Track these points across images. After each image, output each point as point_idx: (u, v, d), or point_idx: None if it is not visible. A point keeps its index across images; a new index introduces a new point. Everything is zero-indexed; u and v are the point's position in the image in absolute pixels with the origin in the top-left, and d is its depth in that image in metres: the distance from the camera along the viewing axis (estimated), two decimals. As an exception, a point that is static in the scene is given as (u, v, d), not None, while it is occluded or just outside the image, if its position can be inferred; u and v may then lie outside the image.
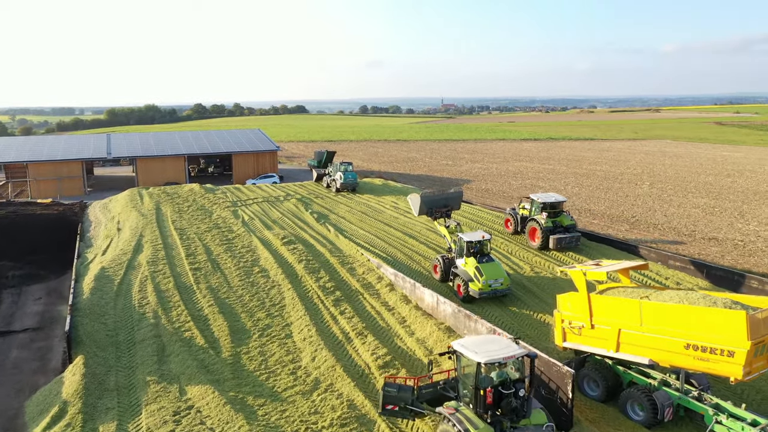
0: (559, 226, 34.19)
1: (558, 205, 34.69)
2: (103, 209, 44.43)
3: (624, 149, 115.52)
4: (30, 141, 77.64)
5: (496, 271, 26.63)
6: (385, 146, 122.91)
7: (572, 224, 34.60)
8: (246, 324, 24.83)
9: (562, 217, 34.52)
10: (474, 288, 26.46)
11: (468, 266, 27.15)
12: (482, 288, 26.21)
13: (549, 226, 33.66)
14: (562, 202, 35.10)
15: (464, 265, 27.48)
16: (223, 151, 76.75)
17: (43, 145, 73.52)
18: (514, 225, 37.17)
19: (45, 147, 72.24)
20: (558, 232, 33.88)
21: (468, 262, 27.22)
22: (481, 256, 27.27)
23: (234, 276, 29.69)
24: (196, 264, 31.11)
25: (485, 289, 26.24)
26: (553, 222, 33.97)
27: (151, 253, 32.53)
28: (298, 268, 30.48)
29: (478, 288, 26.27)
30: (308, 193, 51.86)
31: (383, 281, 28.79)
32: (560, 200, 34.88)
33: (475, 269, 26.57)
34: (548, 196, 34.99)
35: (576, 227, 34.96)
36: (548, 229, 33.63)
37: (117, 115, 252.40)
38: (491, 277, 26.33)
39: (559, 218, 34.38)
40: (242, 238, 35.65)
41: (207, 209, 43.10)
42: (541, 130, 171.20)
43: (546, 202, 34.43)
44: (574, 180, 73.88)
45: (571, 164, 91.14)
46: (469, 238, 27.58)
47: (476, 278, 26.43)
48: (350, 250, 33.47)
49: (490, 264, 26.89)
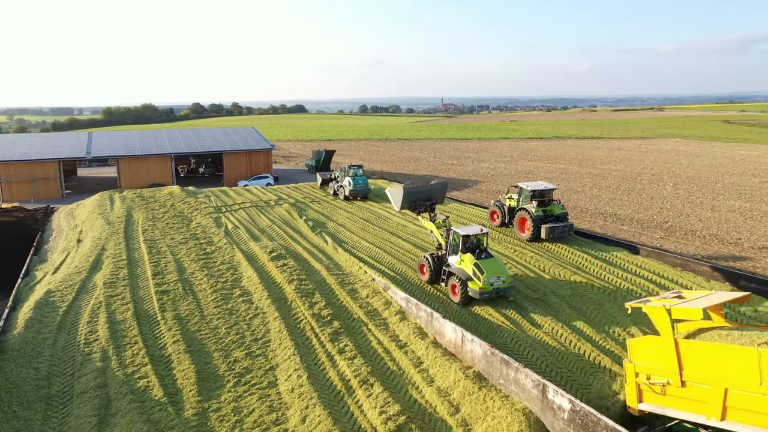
0: (550, 215, 32.26)
1: (548, 193, 32.82)
2: (68, 216, 38.86)
3: (635, 148, 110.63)
4: (3, 139, 72.02)
5: (497, 268, 23.84)
6: (387, 145, 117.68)
7: (564, 213, 32.51)
8: (219, 367, 19.48)
9: (552, 206, 32.62)
10: (474, 288, 23.50)
11: (465, 264, 24.18)
12: (483, 287, 23.33)
13: (540, 215, 31.73)
14: (552, 190, 33.09)
15: (460, 262, 24.52)
16: (213, 150, 71.32)
17: (17, 143, 68.00)
18: (501, 217, 35.00)
19: (19, 146, 66.74)
20: (549, 221, 31.93)
21: (465, 259, 24.29)
22: (479, 252, 24.45)
23: (209, 301, 24.28)
24: (164, 285, 25.67)
25: (487, 289, 23.38)
26: (544, 211, 32.10)
27: (111, 271, 27.10)
28: (288, 290, 25.10)
29: (479, 287, 23.36)
30: (303, 196, 46.21)
31: (392, 308, 23.46)
32: (550, 188, 32.79)
33: (474, 266, 23.62)
34: (537, 184, 33.16)
35: (567, 216, 32.85)
36: (539, 218, 31.68)
37: (114, 114, 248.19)
38: (493, 274, 23.50)
39: (550, 207, 32.50)
40: (223, 252, 30.22)
41: (186, 216, 37.57)
42: (546, 129, 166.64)
43: (536, 189, 32.47)
44: (590, 181, 68.73)
45: (583, 164, 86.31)
46: (466, 231, 24.77)
47: (476, 277, 23.52)
48: (351, 267, 28.10)
49: (490, 260, 24.08)
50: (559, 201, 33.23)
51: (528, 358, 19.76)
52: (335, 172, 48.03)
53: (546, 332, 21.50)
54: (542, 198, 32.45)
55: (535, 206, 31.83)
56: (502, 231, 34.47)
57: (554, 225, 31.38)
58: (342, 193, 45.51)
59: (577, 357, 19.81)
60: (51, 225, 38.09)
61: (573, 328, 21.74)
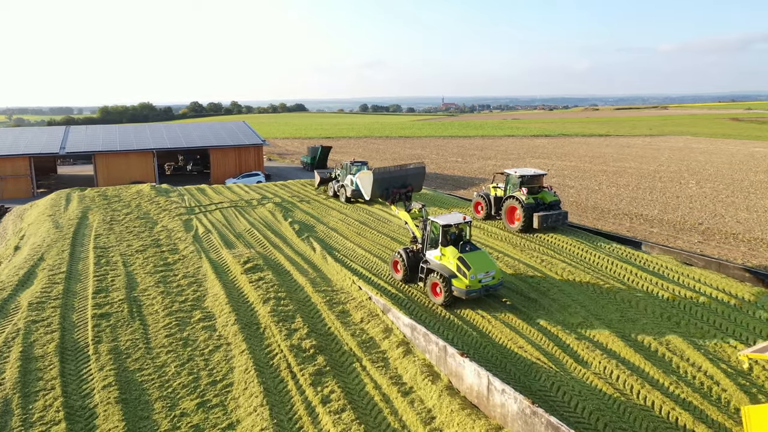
0: (541, 203, 29.87)
1: (538, 179, 30.42)
2: (17, 219, 33.59)
3: (645, 145, 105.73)
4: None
5: (485, 262, 20.61)
6: (387, 143, 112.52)
7: (556, 200, 30.22)
8: (159, 425, 14.27)
9: (543, 193, 30.27)
10: (459, 286, 20.13)
11: (447, 259, 20.79)
12: (470, 285, 20.00)
13: (531, 203, 29.27)
14: (542, 176, 30.65)
15: (441, 257, 21.10)
16: (199, 146, 66.06)
17: (-15, 139, 62.80)
18: (487, 208, 32.25)
19: (-13, 141, 61.57)
20: (541, 209, 29.53)
21: (446, 253, 20.91)
22: (462, 245, 21.16)
23: (160, 328, 19.02)
24: (106, 307, 20.38)
25: (474, 287, 20.10)
26: (535, 199, 29.71)
27: (43, 288, 21.80)
28: (262, 313, 19.87)
29: (465, 285, 20.01)
30: (291, 195, 40.70)
31: (393, 337, 18.25)
32: (540, 174, 30.44)
33: (459, 261, 20.31)
34: (526, 170, 30.79)
35: (560, 204, 30.52)
36: (530, 206, 29.16)
37: (110, 113, 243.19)
38: (480, 269, 20.27)
39: (541, 195, 30.17)
40: (187, 262, 24.93)
41: (150, 218, 32.20)
42: (550, 127, 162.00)
43: (525, 175, 30.00)
44: (606, 179, 63.62)
45: (595, 161, 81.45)
46: (446, 221, 21.37)
47: (461, 273, 20.17)
48: (343, 281, 22.84)
49: (475, 253, 20.87)
50: (550, 188, 31.00)
51: (577, 413, 14.56)
52: (335, 170, 41.41)
53: (596, 373, 16.29)
54: (532, 184, 30.03)
55: (525, 193, 29.39)
56: (487, 226, 31.16)
57: (547, 213, 29.00)
58: (343, 194, 38.79)
59: (644, 412, 14.58)
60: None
61: (631, 367, 16.52)
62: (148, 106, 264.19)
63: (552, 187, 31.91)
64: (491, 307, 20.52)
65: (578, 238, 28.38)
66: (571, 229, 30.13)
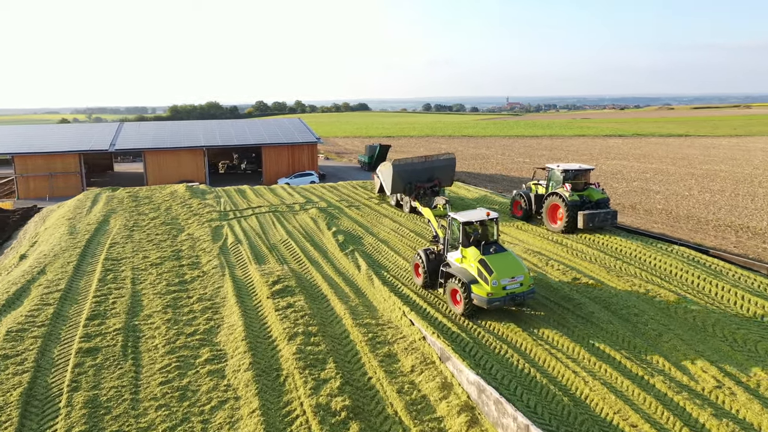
0: (587, 201, 27.39)
1: (584, 174, 27.98)
2: (40, 221, 30.60)
3: (732, 146, 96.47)
4: (22, 130, 65.99)
5: (511, 265, 17.95)
6: (449, 142, 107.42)
7: (604, 198, 27.56)
8: None
9: (590, 190, 27.84)
10: (480, 293, 17.50)
11: (468, 261, 18.33)
12: (493, 292, 17.35)
13: (575, 200, 26.82)
14: (589, 171, 28.15)
15: (462, 260, 18.64)
16: (251, 143, 62.98)
17: (35, 135, 61.67)
18: (527, 207, 29.80)
19: (37, 138, 60.36)
20: (587, 207, 27.04)
21: (467, 254, 18.42)
22: (486, 245, 18.45)
23: (155, 371, 14.95)
24: (96, 339, 16.49)
25: (498, 294, 17.44)
26: (580, 197, 27.22)
27: (31, 310, 18.19)
28: (286, 354, 15.55)
29: (487, 293, 17.37)
30: (339, 198, 36.14)
31: (453, 397, 13.56)
32: (586, 168, 28.00)
33: (480, 264, 17.76)
34: (570, 165, 28.34)
35: (609, 202, 27.77)
36: (574, 203, 26.68)
37: (179, 112, 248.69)
38: (505, 274, 17.60)
39: (587, 192, 27.73)
40: (207, 281, 20.91)
41: (177, 224, 28.47)
42: (623, 127, 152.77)
43: (569, 170, 27.63)
44: (696, 183, 56.57)
45: (678, 163, 74.07)
46: (467, 218, 18.91)
47: (482, 278, 17.56)
48: (390, 311, 18.27)
49: (501, 255, 18.26)
50: (597, 184, 28.47)
51: None
52: None
53: None
54: (577, 180, 27.65)
55: (569, 190, 27.00)
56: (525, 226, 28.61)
57: (593, 212, 26.43)
58: (407, 204, 31.70)
59: None
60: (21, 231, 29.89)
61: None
62: (215, 105, 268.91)
63: (599, 184, 29.31)
64: (581, 353, 15.45)
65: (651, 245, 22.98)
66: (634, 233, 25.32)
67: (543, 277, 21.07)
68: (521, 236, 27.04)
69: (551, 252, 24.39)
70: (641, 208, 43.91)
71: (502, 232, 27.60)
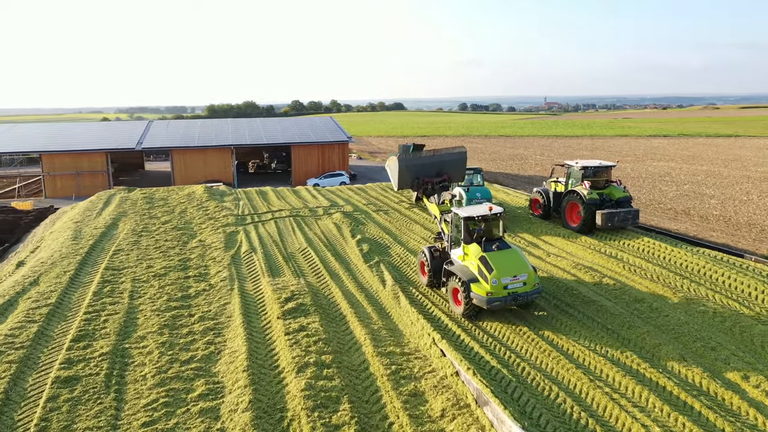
0: (607, 199, 26.40)
1: (604, 171, 26.99)
2: (50, 223, 28.92)
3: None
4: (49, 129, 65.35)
5: (514, 263, 16.75)
6: (486, 142, 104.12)
7: (626, 197, 26.47)
8: None
9: (611, 188, 26.89)
10: (479, 293, 16.35)
11: (469, 258, 17.36)
12: (493, 292, 16.13)
13: (594, 198, 25.83)
14: (610, 168, 27.16)
15: (463, 257, 17.72)
16: (280, 142, 61.20)
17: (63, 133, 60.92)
18: (545, 205, 28.89)
19: (64, 136, 59.57)
20: (607, 206, 26.04)
21: (469, 251, 17.44)
22: (488, 242, 17.32)
23: (138, 409, 12.69)
24: (78, 365, 14.32)
25: (498, 294, 16.21)
26: (600, 195, 26.24)
27: (12, 328, 16.12)
28: (293, 390, 13.14)
29: (486, 292, 16.15)
30: (367, 202, 33.32)
31: (491, 458, 10.93)
32: (607, 165, 27.07)
33: (480, 261, 16.68)
34: (590, 161, 27.69)
35: (631, 201, 26.74)
36: (592, 202, 25.74)
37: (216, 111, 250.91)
38: (506, 272, 16.39)
39: (608, 190, 26.77)
40: (213, 296, 18.65)
41: (190, 229, 26.34)
42: (667, 127, 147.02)
43: (588, 167, 26.79)
44: (753, 187, 52.49)
45: (731, 165, 69.73)
46: (468, 213, 17.89)
47: (482, 276, 16.41)
48: (419, 338, 15.71)
49: (503, 252, 17.13)
50: (619, 182, 27.37)
51: None
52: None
53: None
54: (597, 178, 26.78)
55: (587, 188, 26.08)
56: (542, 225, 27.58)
57: (613, 211, 25.33)
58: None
59: None
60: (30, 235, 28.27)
61: None
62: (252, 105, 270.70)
63: (621, 182, 28.02)
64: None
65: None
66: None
67: (598, 300, 18.23)
68: (570, 248, 24.20)
69: (604, 267, 21.49)
70: (695, 214, 40.41)
71: (548, 244, 24.89)
